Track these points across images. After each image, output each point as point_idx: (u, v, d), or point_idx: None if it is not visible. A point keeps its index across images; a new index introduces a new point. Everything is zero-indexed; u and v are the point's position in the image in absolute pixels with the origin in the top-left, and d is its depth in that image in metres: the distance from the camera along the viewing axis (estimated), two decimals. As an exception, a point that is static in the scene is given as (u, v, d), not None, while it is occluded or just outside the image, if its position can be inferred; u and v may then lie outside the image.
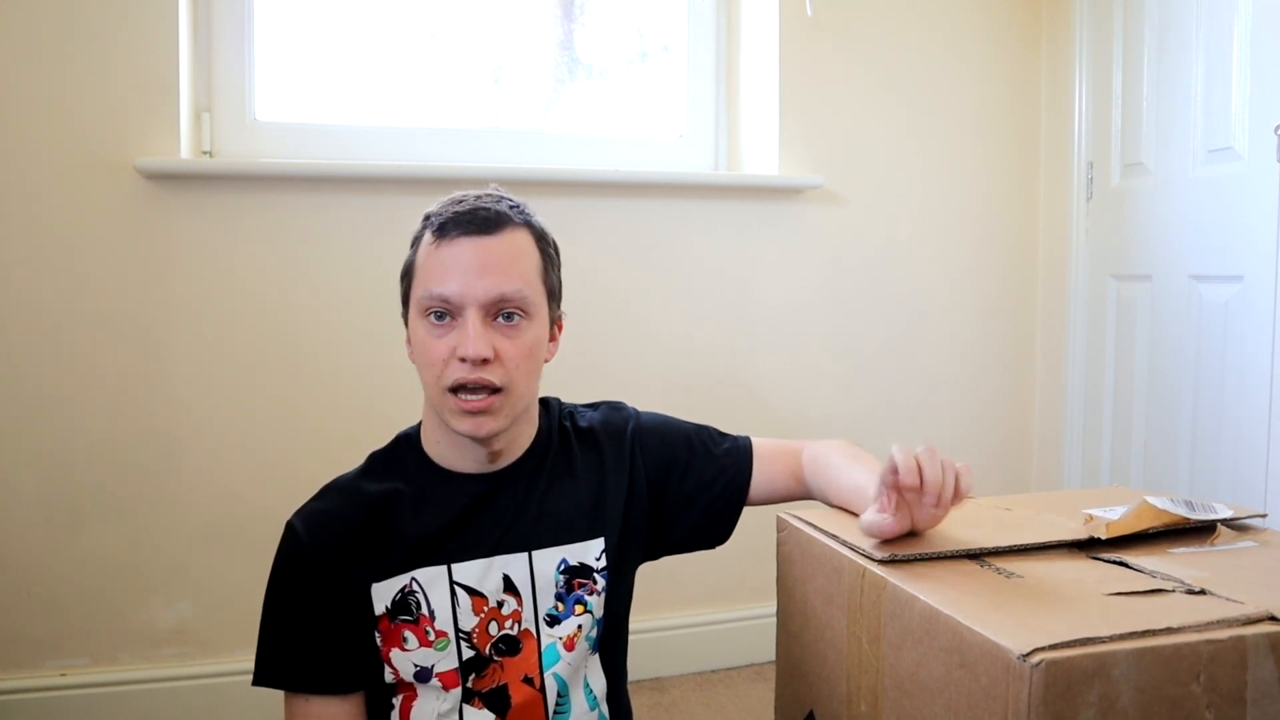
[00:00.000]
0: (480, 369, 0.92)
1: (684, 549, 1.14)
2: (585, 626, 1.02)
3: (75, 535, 1.73)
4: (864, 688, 0.87)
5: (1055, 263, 2.26)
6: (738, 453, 1.13)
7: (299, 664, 0.96)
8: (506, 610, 0.99)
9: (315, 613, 0.96)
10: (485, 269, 0.93)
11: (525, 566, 1.00)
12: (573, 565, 1.02)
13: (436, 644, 0.97)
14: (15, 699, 1.70)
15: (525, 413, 1.01)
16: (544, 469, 1.04)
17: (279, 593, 0.98)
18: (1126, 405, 2.07)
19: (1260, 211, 1.70)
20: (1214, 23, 1.81)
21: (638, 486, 1.08)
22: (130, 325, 1.74)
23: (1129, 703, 0.67)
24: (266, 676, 0.97)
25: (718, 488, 1.10)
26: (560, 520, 1.03)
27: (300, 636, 0.96)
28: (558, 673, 1.00)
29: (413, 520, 0.98)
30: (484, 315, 0.93)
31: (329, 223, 1.83)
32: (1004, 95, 2.25)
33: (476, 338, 0.92)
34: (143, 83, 1.72)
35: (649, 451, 1.10)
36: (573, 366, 1.92)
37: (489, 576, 0.99)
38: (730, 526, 1.13)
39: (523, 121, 2.12)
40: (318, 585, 0.96)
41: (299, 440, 1.81)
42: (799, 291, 2.12)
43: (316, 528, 0.97)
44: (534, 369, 0.99)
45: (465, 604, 0.98)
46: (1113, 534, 0.89)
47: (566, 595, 1.01)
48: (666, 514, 1.10)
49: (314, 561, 0.96)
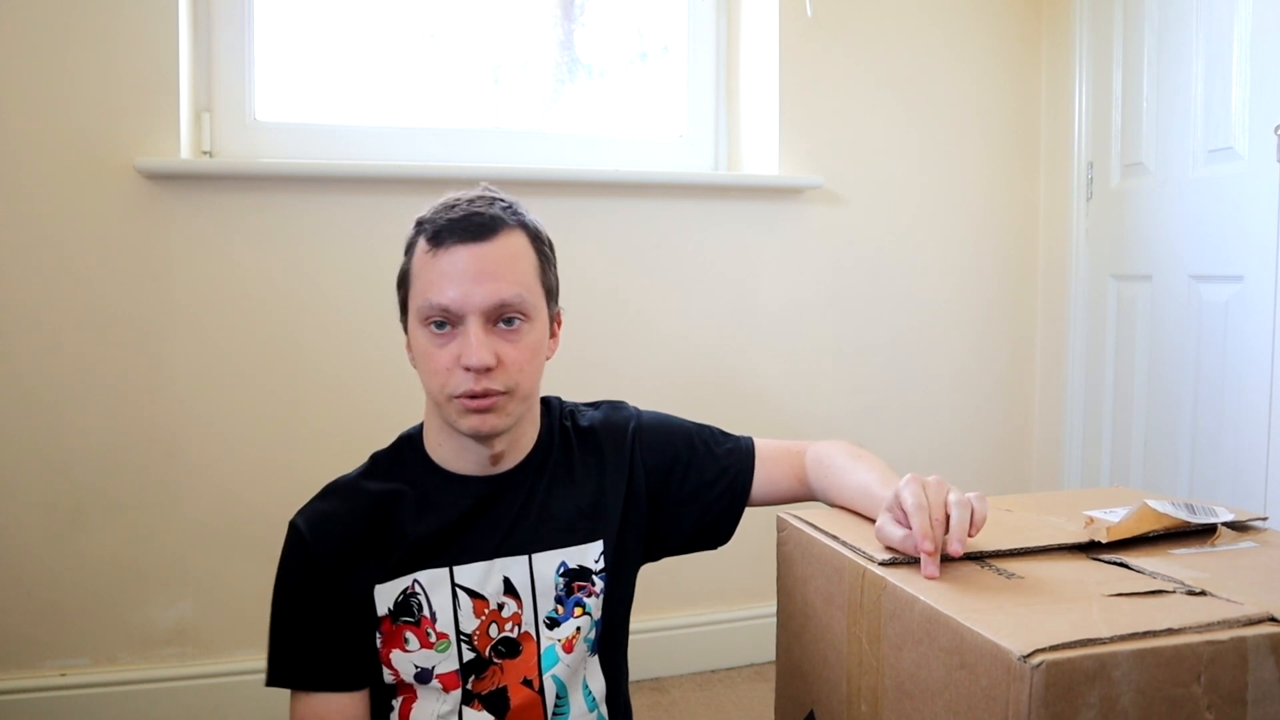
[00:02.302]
0: (484, 378, 0.92)
1: (685, 549, 1.14)
2: (584, 629, 1.02)
3: (75, 535, 1.73)
4: (864, 688, 0.87)
5: (1055, 263, 2.26)
6: (740, 452, 1.12)
7: (308, 662, 0.97)
8: (507, 613, 0.99)
9: (321, 612, 0.96)
10: (483, 276, 0.92)
11: (525, 569, 1.00)
12: (572, 568, 1.02)
13: (438, 645, 0.97)
14: (15, 699, 1.70)
15: (528, 413, 1.02)
16: (545, 472, 1.04)
17: (285, 594, 0.98)
18: (1126, 405, 2.07)
19: (1260, 211, 1.70)
20: (1214, 23, 1.81)
21: (637, 487, 1.08)
22: (130, 325, 1.74)
23: (1129, 704, 0.67)
24: (281, 677, 0.97)
25: (719, 488, 1.10)
26: (560, 523, 1.03)
27: (308, 636, 0.97)
28: (556, 675, 1.00)
29: (415, 521, 0.98)
30: (485, 322, 0.93)
31: (329, 223, 1.83)
32: (1004, 95, 2.25)
33: (479, 346, 0.91)
34: (143, 83, 1.72)
35: (649, 451, 1.10)
36: (573, 366, 1.92)
37: (490, 579, 0.99)
38: (731, 527, 1.13)
39: (523, 121, 2.12)
40: (322, 585, 0.96)
41: (299, 440, 1.81)
42: (799, 291, 2.12)
43: (319, 528, 0.97)
44: (537, 369, 0.99)
45: (466, 606, 0.98)
46: (1113, 538, 0.89)
47: (566, 598, 1.01)
48: (667, 514, 1.10)
49: (317, 561, 0.96)
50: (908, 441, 2.19)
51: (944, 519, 0.84)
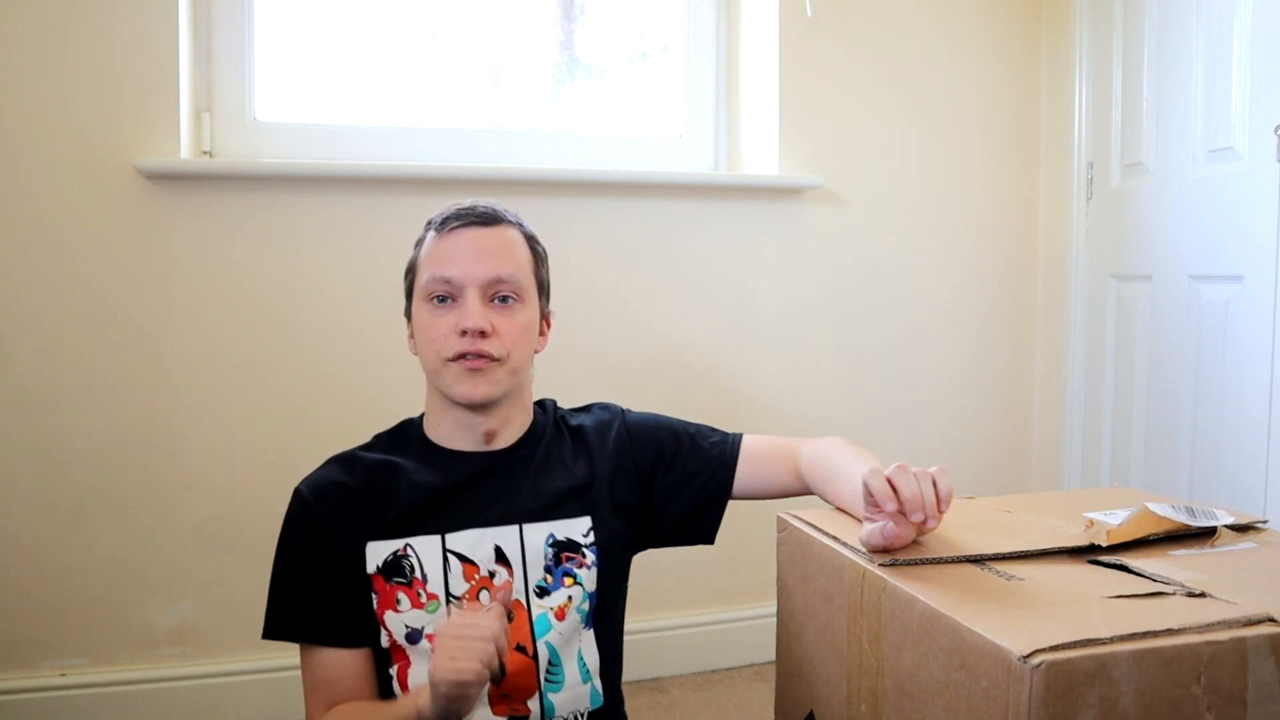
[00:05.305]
0: (479, 341, 1.01)
1: (673, 541, 1.18)
2: (576, 599, 1.06)
3: (75, 535, 1.73)
4: (864, 688, 0.87)
5: (1055, 263, 2.26)
6: (724, 446, 1.17)
7: (306, 616, 1.02)
8: (498, 580, 1.03)
9: (319, 569, 1.02)
10: (483, 254, 1.03)
11: (516, 539, 1.05)
12: (560, 540, 1.07)
13: (428, 606, 1.01)
14: (15, 699, 1.70)
15: (519, 396, 1.10)
16: (536, 455, 1.11)
17: (285, 551, 1.05)
18: (1126, 405, 2.07)
19: (1260, 211, 1.70)
20: (1214, 23, 1.81)
21: (626, 476, 1.13)
22: (130, 325, 1.74)
23: (1129, 704, 0.67)
24: (274, 629, 1.03)
25: (701, 479, 1.14)
26: (550, 499, 1.08)
27: (307, 592, 1.02)
28: (550, 641, 1.04)
29: (410, 489, 1.05)
30: (482, 296, 1.03)
31: (329, 223, 1.83)
32: (1004, 95, 2.25)
33: (476, 312, 1.01)
34: (143, 83, 1.71)
35: (637, 444, 1.15)
36: (572, 366, 1.92)
37: (481, 546, 1.04)
38: (716, 519, 1.16)
39: (523, 121, 2.11)
40: (319, 542, 1.02)
41: (299, 440, 1.81)
42: (799, 291, 2.12)
43: (319, 489, 1.04)
44: (528, 346, 1.07)
45: (457, 570, 1.03)
46: (1113, 542, 0.89)
47: (555, 568, 1.06)
48: (654, 504, 1.15)
49: (316, 519, 1.03)
50: (908, 441, 2.19)
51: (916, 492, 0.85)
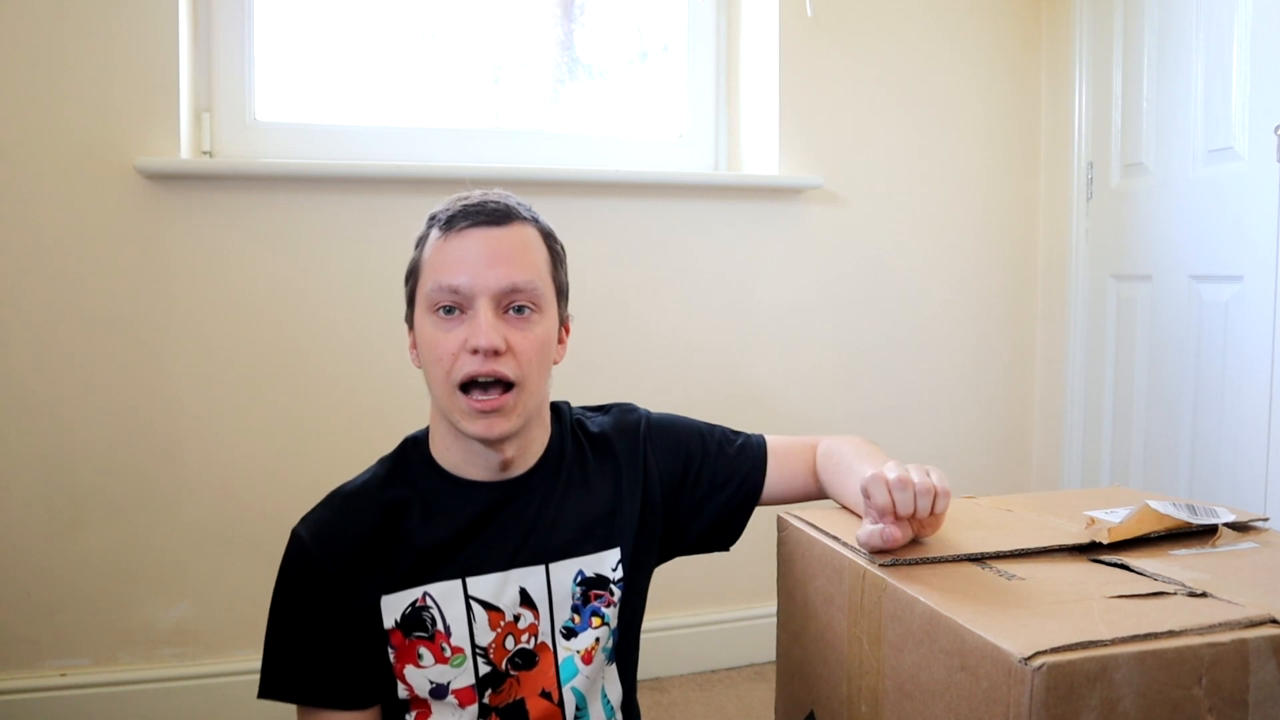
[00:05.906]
0: (492, 360, 0.88)
1: (696, 550, 1.13)
2: (602, 639, 1.00)
3: (75, 536, 1.73)
4: (864, 689, 0.87)
5: (1055, 263, 2.26)
6: (751, 451, 1.11)
7: (309, 677, 0.93)
8: (523, 624, 0.96)
9: (325, 625, 0.93)
10: (496, 259, 0.90)
11: (543, 579, 0.97)
12: (589, 576, 0.99)
13: (453, 660, 0.94)
14: (15, 699, 1.70)
15: (537, 416, 0.98)
16: (559, 478, 1.01)
17: (286, 604, 0.94)
18: (1126, 405, 2.07)
19: (1260, 211, 1.70)
20: (1214, 23, 1.81)
21: (651, 490, 1.06)
22: (130, 325, 1.74)
23: (1130, 706, 0.66)
24: (274, 689, 0.94)
25: (730, 488, 1.09)
26: (577, 531, 0.99)
27: (310, 649, 0.93)
28: (576, 687, 0.98)
29: (423, 529, 0.95)
30: (495, 307, 0.90)
31: (329, 223, 1.83)
32: (1004, 95, 2.25)
33: (489, 327, 0.88)
34: (143, 83, 1.71)
35: (661, 453, 1.07)
36: (572, 366, 1.91)
37: (505, 590, 0.95)
38: (741, 526, 1.11)
39: (523, 121, 2.11)
40: (326, 597, 0.92)
41: (299, 441, 1.81)
42: (799, 292, 2.12)
43: (324, 537, 0.93)
44: (545, 365, 0.95)
45: (481, 619, 0.94)
46: (1114, 539, 0.89)
47: (583, 607, 0.98)
48: (680, 515, 1.08)
49: (322, 572, 0.92)
50: (908, 441, 2.19)
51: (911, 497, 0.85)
